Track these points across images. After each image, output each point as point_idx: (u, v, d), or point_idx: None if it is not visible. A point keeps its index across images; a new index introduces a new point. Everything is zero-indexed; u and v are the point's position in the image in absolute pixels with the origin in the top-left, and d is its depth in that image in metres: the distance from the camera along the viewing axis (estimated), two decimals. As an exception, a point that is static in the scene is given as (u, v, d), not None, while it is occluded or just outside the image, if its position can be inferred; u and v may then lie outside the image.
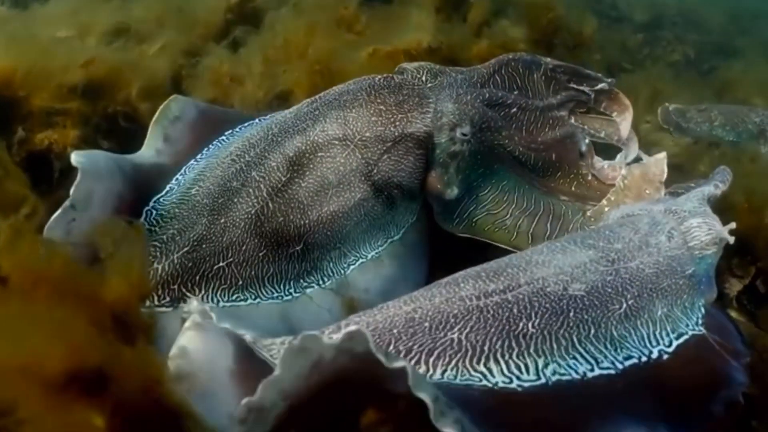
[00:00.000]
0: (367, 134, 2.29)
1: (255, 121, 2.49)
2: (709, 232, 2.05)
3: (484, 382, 1.48)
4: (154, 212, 2.09)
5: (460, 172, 2.41)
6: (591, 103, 2.89)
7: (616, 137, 2.89)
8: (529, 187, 2.57)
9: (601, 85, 2.88)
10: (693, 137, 3.76)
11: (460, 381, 1.48)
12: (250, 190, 2.13)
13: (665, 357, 1.68)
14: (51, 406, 1.14)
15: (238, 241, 2.05)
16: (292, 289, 2.10)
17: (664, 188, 2.61)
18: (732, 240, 2.08)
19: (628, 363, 1.63)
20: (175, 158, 2.29)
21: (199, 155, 2.30)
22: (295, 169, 2.20)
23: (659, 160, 2.64)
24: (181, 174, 2.22)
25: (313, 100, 2.43)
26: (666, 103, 3.97)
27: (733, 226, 2.11)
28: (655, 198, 2.52)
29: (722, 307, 2.01)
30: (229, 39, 3.83)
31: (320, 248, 2.16)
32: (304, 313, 2.05)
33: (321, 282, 2.15)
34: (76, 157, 1.98)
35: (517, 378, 1.50)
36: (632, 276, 1.81)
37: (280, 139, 2.26)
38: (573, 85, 2.86)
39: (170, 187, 2.17)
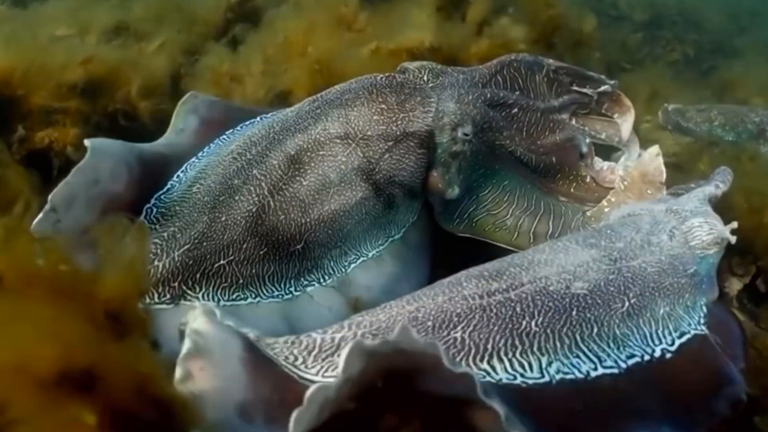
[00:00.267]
0: (369, 133, 2.29)
1: (256, 119, 2.49)
2: (710, 231, 2.05)
3: (488, 379, 1.48)
4: (154, 210, 2.09)
5: (461, 172, 2.41)
6: (593, 104, 2.89)
7: (617, 139, 2.89)
8: (531, 187, 2.57)
9: (604, 87, 2.88)
10: (693, 137, 3.76)
11: None
12: (252, 188, 2.12)
13: (668, 356, 1.68)
14: (43, 404, 1.13)
15: (239, 239, 2.04)
16: (293, 288, 2.09)
17: (665, 189, 2.61)
18: (734, 240, 2.08)
19: (631, 362, 1.63)
20: (189, 149, 2.32)
21: (200, 153, 2.29)
22: (297, 167, 2.19)
23: (653, 156, 2.64)
24: (182, 171, 2.21)
25: (315, 99, 2.42)
26: (665, 104, 3.97)
27: (734, 225, 2.11)
28: (657, 198, 2.52)
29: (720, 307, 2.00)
30: (229, 37, 3.82)
31: (321, 247, 2.15)
32: (305, 312, 2.04)
33: (322, 280, 2.14)
34: (88, 143, 2.03)
35: (521, 375, 1.50)
36: (634, 275, 1.81)
37: (281, 137, 2.26)
38: (575, 88, 2.86)
39: (171, 185, 2.17)
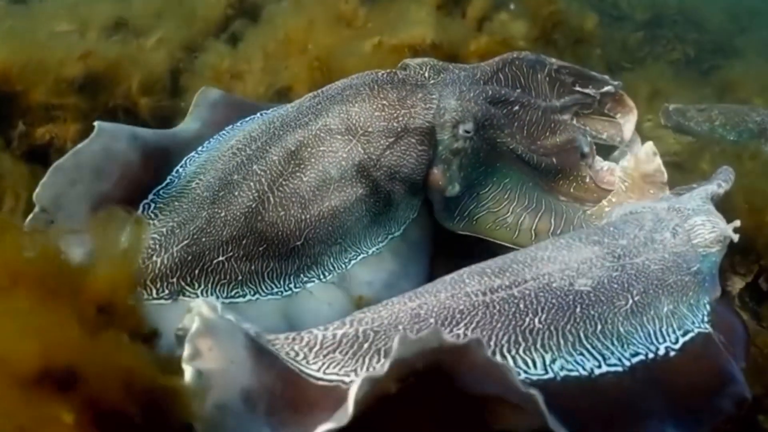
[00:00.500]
0: (370, 129, 2.28)
1: (256, 115, 2.47)
2: (713, 230, 2.04)
3: None
4: (153, 205, 2.07)
5: (462, 170, 2.40)
6: (596, 105, 2.88)
7: (619, 139, 2.87)
8: (533, 185, 2.55)
9: (607, 88, 2.86)
10: (694, 136, 3.75)
11: None
12: (251, 184, 2.10)
13: (672, 354, 1.67)
14: (22, 402, 1.13)
15: (238, 235, 2.03)
16: (292, 285, 2.08)
17: (667, 188, 2.59)
18: (736, 238, 2.07)
19: (635, 360, 1.61)
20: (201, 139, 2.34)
21: (200, 148, 2.27)
22: (297, 163, 2.18)
23: (650, 155, 2.62)
24: (181, 166, 2.19)
25: (315, 95, 2.41)
26: (666, 104, 3.96)
27: (737, 224, 2.10)
28: (659, 197, 2.50)
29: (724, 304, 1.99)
30: (228, 33, 3.81)
31: (321, 243, 2.14)
32: (305, 309, 2.03)
33: (322, 276, 2.13)
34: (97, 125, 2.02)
35: (525, 372, 1.49)
36: (638, 272, 1.80)
37: (281, 132, 2.24)
38: (578, 88, 2.85)
39: (170, 179, 2.14)
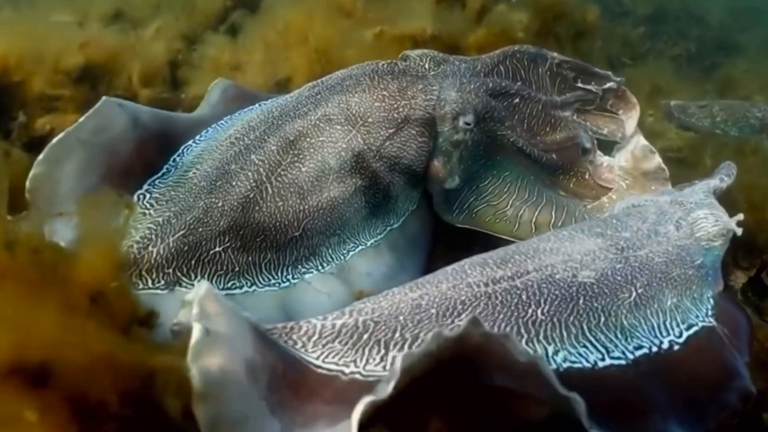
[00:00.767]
0: (370, 120, 2.25)
1: (255, 105, 2.44)
2: (716, 223, 2.02)
3: None
4: (148, 195, 2.04)
5: (462, 162, 2.38)
6: (598, 101, 2.86)
7: (620, 135, 2.85)
8: (534, 179, 2.53)
9: (609, 84, 2.84)
10: (695, 131, 3.73)
11: None
12: (249, 174, 2.07)
13: (676, 348, 1.65)
14: None
15: (236, 225, 2.00)
16: (290, 276, 2.05)
17: (669, 184, 2.57)
18: (740, 231, 2.05)
19: (639, 353, 1.59)
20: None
21: (198, 137, 2.24)
22: (296, 153, 2.15)
23: (645, 150, 2.60)
24: (178, 155, 2.17)
25: (315, 84, 2.39)
26: (667, 100, 3.94)
27: (740, 217, 2.08)
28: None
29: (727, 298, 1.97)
30: (228, 24, 3.78)
31: (319, 234, 2.11)
32: (303, 300, 2.00)
33: (320, 267, 2.10)
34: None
35: None
36: (642, 264, 1.78)
37: (280, 122, 2.22)
38: (580, 84, 2.82)
39: (167, 169, 2.12)
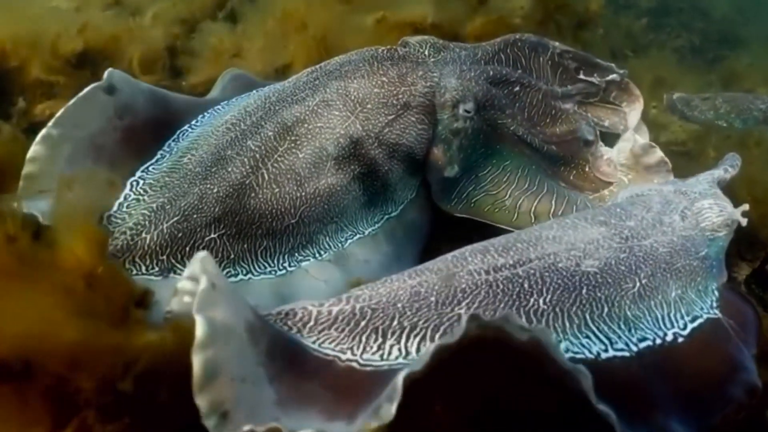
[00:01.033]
0: (369, 106, 2.22)
1: (253, 91, 2.41)
2: (720, 213, 2.00)
3: None
4: (142, 181, 2.00)
5: (462, 150, 2.36)
6: (601, 93, 2.82)
7: (622, 127, 2.81)
8: (536, 168, 2.50)
9: (612, 76, 2.80)
10: (698, 124, 3.70)
11: None
12: (245, 160, 2.04)
13: (680, 340, 1.62)
14: None
15: (231, 212, 1.96)
16: (287, 263, 2.01)
17: (672, 176, 2.54)
18: (744, 222, 2.02)
19: (642, 345, 1.57)
20: None
21: (194, 121, 2.21)
22: (293, 139, 2.12)
23: (644, 146, 2.57)
24: (173, 140, 2.13)
25: (313, 70, 2.36)
26: (671, 92, 3.91)
27: (746, 207, 2.05)
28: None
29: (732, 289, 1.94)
30: (227, 10, 3.74)
31: (317, 222, 2.08)
32: (300, 288, 1.96)
33: (318, 255, 2.06)
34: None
35: None
36: (646, 254, 1.74)
37: (278, 108, 2.18)
38: (582, 76, 2.79)
39: (161, 155, 2.08)
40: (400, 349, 1.43)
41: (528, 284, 1.56)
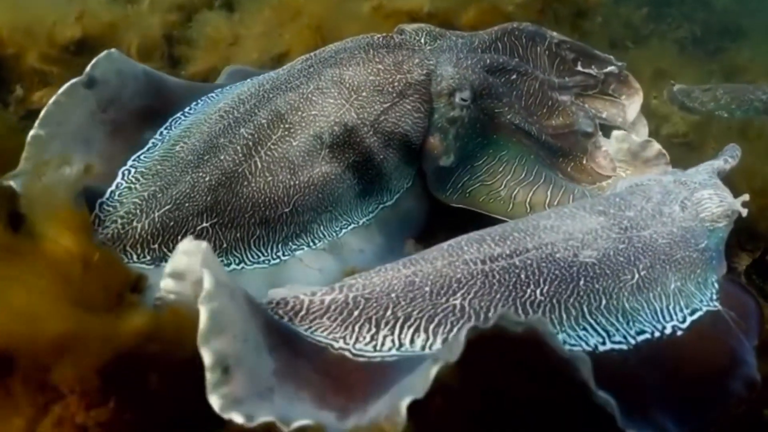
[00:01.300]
0: (364, 94, 2.20)
1: (247, 79, 2.38)
2: (720, 203, 1.97)
3: None
4: (133, 170, 1.97)
5: (458, 140, 2.33)
6: (599, 85, 2.78)
7: (621, 119, 2.78)
8: (534, 158, 2.46)
9: (610, 68, 2.77)
10: (699, 115, 3.68)
11: None
12: (238, 148, 2.01)
13: (679, 333, 1.59)
14: None
15: (224, 200, 1.93)
16: (280, 253, 1.99)
17: (670, 168, 2.51)
18: (745, 212, 1.99)
19: (640, 338, 1.54)
20: None
21: (187, 109, 2.17)
22: (287, 127, 2.09)
23: (643, 144, 2.54)
24: (165, 128, 2.10)
25: (308, 58, 2.33)
26: (672, 82, 3.88)
27: (746, 197, 2.02)
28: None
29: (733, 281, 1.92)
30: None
31: (311, 211, 2.05)
32: (293, 277, 1.92)
33: (312, 244, 2.04)
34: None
35: None
36: (645, 245, 1.71)
37: (271, 95, 2.15)
38: (580, 68, 2.75)
39: (153, 143, 2.05)
40: (393, 341, 1.40)
41: (525, 275, 1.53)
